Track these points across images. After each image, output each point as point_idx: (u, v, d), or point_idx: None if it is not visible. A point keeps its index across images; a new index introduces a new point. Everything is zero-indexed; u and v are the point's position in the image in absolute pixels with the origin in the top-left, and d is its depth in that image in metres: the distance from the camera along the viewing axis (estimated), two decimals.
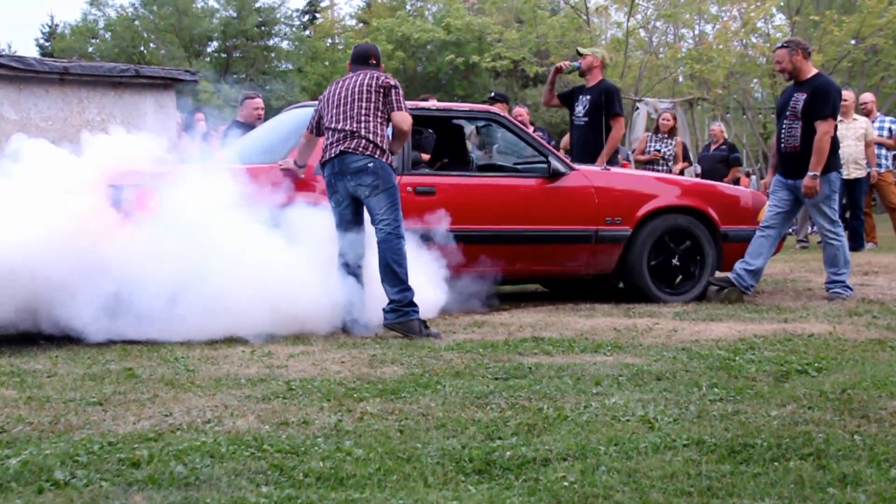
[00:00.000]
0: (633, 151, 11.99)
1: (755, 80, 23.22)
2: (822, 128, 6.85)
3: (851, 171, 10.56)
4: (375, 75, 5.78)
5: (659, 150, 10.95)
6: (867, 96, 12.21)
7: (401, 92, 5.77)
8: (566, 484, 2.68)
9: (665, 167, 10.86)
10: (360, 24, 30.45)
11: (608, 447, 3.00)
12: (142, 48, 34.49)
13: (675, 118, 11.62)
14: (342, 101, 5.74)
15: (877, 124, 11.60)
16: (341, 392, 3.85)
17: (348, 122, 5.67)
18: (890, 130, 11.59)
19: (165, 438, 3.15)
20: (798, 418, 3.35)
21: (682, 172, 11.10)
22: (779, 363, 4.39)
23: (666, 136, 11.11)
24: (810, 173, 6.82)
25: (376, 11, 27.52)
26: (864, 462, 2.82)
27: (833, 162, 7.01)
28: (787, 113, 7.01)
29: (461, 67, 28.52)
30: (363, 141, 5.60)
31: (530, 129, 8.66)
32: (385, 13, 25.83)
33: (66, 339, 5.22)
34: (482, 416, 3.43)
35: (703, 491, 2.64)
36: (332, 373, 4.32)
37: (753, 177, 20.62)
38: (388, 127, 5.75)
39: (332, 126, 5.72)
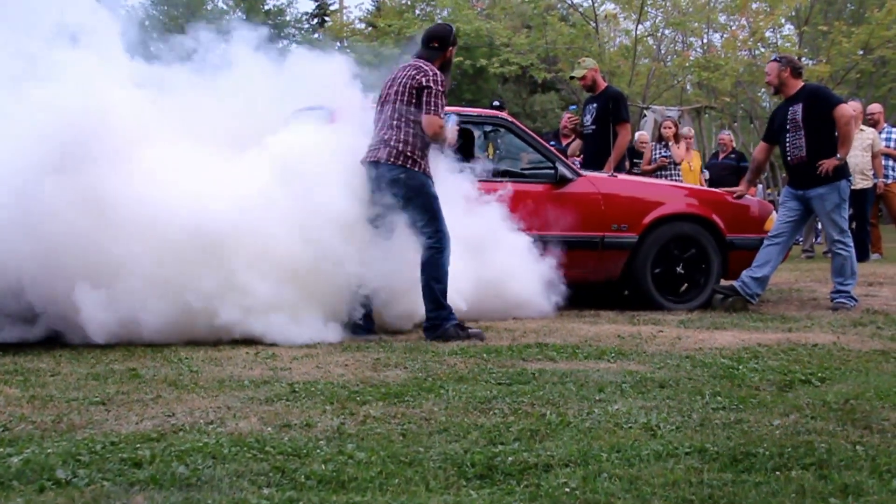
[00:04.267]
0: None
1: (763, 90, 23.17)
2: (843, 111, 6.96)
3: (858, 182, 10.56)
4: (414, 73, 5.58)
5: (667, 157, 10.94)
6: (875, 107, 12.20)
7: (435, 91, 5.52)
8: (568, 490, 2.68)
9: (675, 173, 10.86)
10: (370, 28, 30.47)
11: (610, 454, 3.00)
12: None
13: (676, 125, 11.62)
14: (384, 101, 5.62)
15: (884, 135, 11.59)
16: (344, 395, 3.86)
17: (384, 128, 5.56)
18: None
19: (168, 439, 3.16)
20: (801, 428, 3.35)
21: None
22: (782, 372, 4.39)
23: (671, 142, 11.11)
24: (837, 156, 6.93)
25: (385, 14, 27.50)
26: (865, 473, 2.82)
27: (844, 170, 7.04)
28: (788, 126, 7.07)
29: (469, 72, 28.51)
30: (393, 151, 5.49)
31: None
32: (394, 17, 25.80)
33: (70, 339, 5.23)
34: (485, 421, 3.43)
35: (704, 499, 2.63)
36: (335, 376, 4.32)
37: (760, 186, 20.59)
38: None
39: (375, 128, 5.65)
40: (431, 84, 5.53)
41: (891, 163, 11.53)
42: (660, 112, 16.22)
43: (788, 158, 7.16)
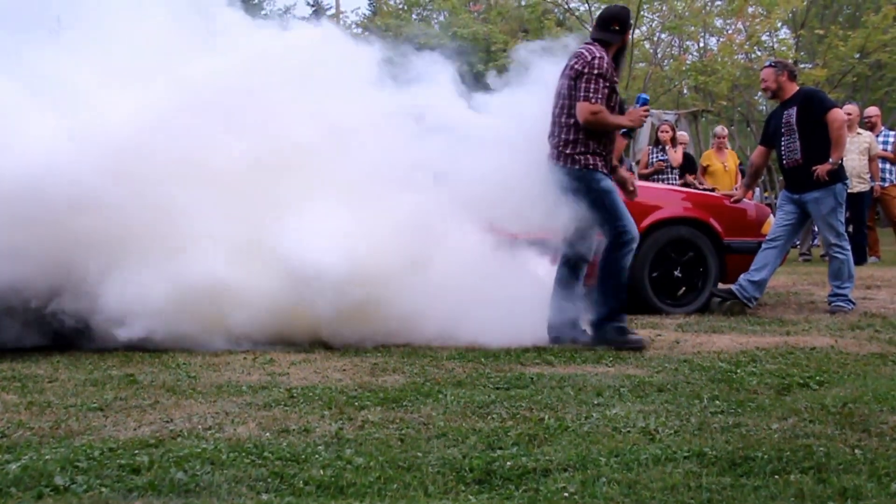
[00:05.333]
0: (636, 163, 12.00)
1: (759, 93, 23.21)
2: (835, 115, 6.97)
3: (855, 185, 10.58)
4: (573, 62, 5.31)
5: (664, 161, 10.96)
6: (872, 110, 12.22)
7: (588, 76, 5.22)
8: (566, 495, 2.67)
9: (671, 177, 10.87)
10: (366, 32, 30.51)
11: (609, 458, 3.00)
12: None
13: (673, 129, 11.64)
14: (556, 95, 5.40)
15: (881, 138, 11.60)
16: (342, 400, 3.85)
17: (551, 125, 5.38)
18: None
19: (166, 445, 3.15)
20: (799, 431, 3.35)
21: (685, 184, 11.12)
22: (780, 376, 4.39)
23: (668, 146, 11.13)
24: (830, 161, 6.92)
25: (383, 16, 27.53)
26: (864, 476, 2.82)
27: (839, 173, 7.05)
28: (783, 130, 7.10)
29: (466, 76, 28.51)
30: (555, 151, 5.34)
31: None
32: (390, 19, 25.83)
33: (68, 345, 5.22)
34: (483, 426, 3.43)
35: (703, 503, 2.63)
36: (333, 381, 4.32)
37: (757, 189, 20.60)
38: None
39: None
40: (586, 69, 5.24)
41: (888, 166, 11.55)
42: (657, 116, 16.23)
43: (784, 162, 7.18)
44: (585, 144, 5.30)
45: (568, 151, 5.28)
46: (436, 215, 5.46)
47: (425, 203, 5.46)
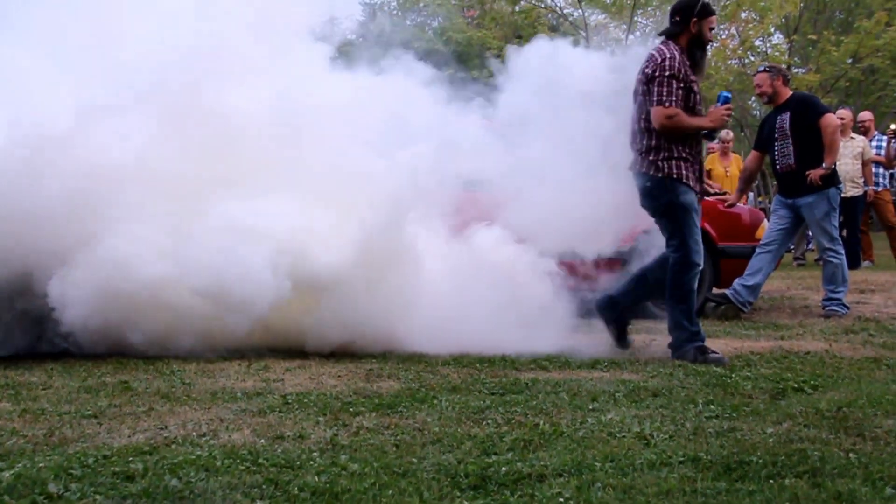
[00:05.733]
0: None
1: (753, 98, 23.26)
2: (829, 121, 6.99)
3: (848, 190, 10.61)
4: (644, 65, 5.05)
5: None
6: (865, 114, 12.26)
7: (659, 79, 4.96)
8: (562, 500, 2.67)
9: None
10: (361, 39, 30.55)
11: (604, 463, 2.99)
12: None
13: None
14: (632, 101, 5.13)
15: (874, 143, 11.64)
16: (337, 406, 3.85)
17: (632, 132, 5.12)
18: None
19: (160, 452, 3.15)
20: (794, 436, 3.35)
21: None
22: (775, 380, 4.39)
23: None
24: (823, 165, 6.92)
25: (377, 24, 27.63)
26: (859, 480, 2.82)
27: (833, 178, 7.07)
28: (777, 136, 7.13)
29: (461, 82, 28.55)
30: (637, 157, 5.08)
31: None
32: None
33: (61, 352, 5.21)
34: (478, 432, 3.43)
35: None
36: (328, 387, 4.31)
37: (751, 194, 20.64)
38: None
39: None
40: (657, 72, 4.98)
41: (881, 170, 11.58)
42: None
43: (777, 167, 7.20)
44: (669, 150, 5.01)
45: (651, 158, 5.01)
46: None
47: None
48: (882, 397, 3.96)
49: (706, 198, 8.22)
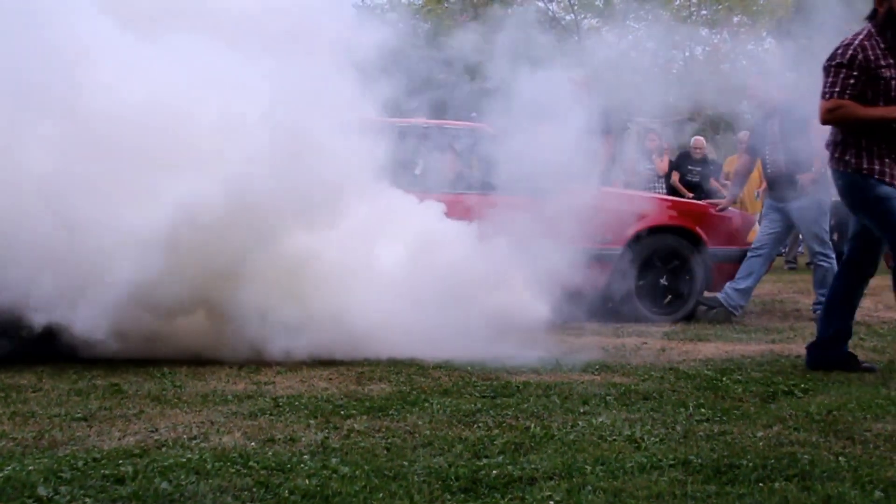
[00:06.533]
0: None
1: (744, 101, 23.33)
2: (819, 126, 7.01)
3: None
4: (830, 54, 4.63)
5: (650, 169, 11.02)
6: None
7: (827, 70, 4.59)
8: (552, 503, 2.68)
9: (658, 185, 10.93)
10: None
11: (595, 467, 3.00)
12: None
13: (659, 138, 11.71)
14: None
15: None
16: (328, 409, 3.85)
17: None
18: None
19: (151, 454, 3.14)
20: (784, 439, 3.36)
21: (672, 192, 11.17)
22: (765, 384, 4.40)
23: (654, 154, 11.19)
24: (814, 170, 6.94)
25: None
26: (848, 484, 2.83)
27: (823, 183, 7.10)
28: (768, 140, 7.14)
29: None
30: (830, 154, 4.77)
31: None
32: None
33: (52, 355, 5.19)
34: (469, 435, 3.43)
35: None
36: (319, 390, 4.31)
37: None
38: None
39: None
40: (826, 62, 4.62)
41: None
42: (643, 124, 16.29)
43: (768, 170, 7.22)
44: (857, 145, 4.63)
45: (837, 154, 4.69)
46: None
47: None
48: (872, 401, 3.98)
49: (698, 202, 8.28)
